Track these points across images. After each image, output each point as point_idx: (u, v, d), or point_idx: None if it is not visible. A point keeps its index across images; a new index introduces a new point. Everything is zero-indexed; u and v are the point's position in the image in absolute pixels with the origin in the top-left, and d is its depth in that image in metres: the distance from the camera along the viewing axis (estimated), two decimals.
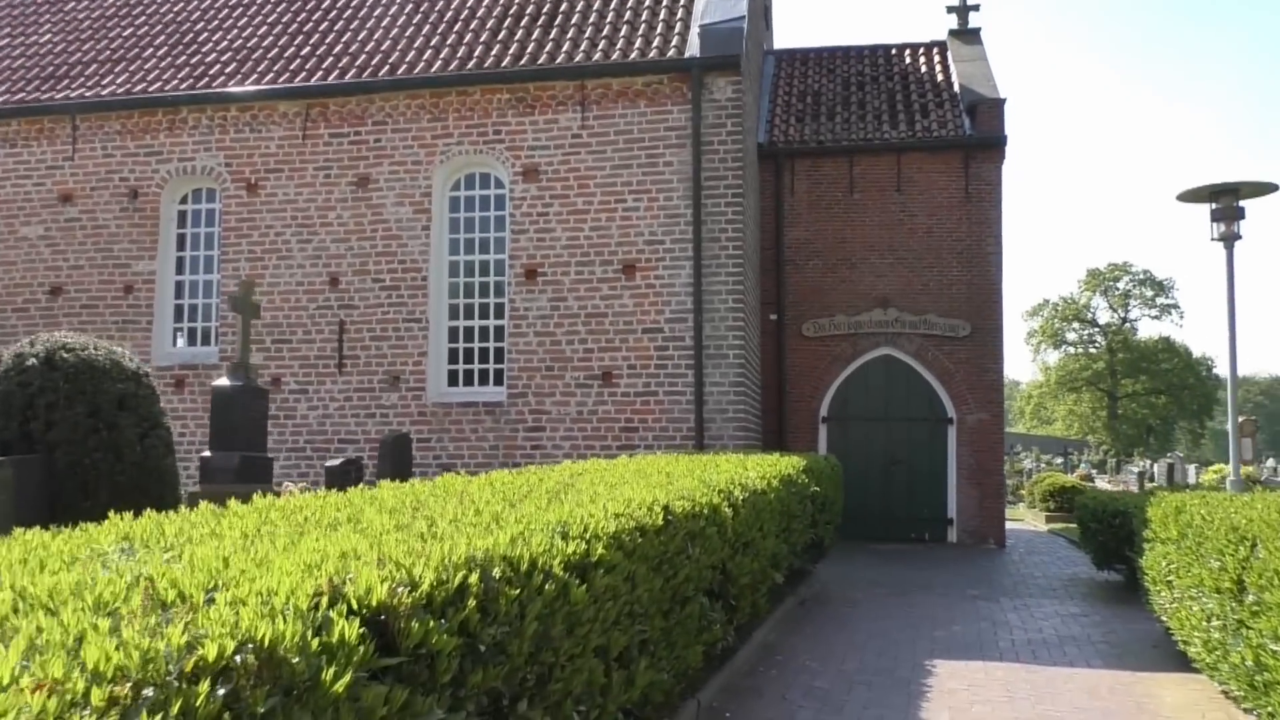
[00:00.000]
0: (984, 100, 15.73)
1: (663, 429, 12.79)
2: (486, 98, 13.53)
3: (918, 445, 15.61)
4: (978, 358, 15.44)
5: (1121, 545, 10.34)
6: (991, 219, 15.53)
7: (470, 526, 3.42)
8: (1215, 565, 5.63)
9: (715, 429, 12.67)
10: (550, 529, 3.53)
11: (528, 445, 13.07)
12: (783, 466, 8.06)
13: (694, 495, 5.38)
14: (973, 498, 15.35)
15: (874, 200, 15.88)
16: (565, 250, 13.18)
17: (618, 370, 12.93)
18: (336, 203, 13.79)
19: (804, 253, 16.03)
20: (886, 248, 15.80)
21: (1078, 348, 70.50)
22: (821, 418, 15.91)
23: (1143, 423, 67.38)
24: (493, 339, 13.63)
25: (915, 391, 15.66)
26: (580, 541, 3.54)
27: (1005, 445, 18.11)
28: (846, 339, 15.86)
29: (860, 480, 15.49)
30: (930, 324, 15.53)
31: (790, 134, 16.33)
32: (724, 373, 12.72)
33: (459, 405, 13.35)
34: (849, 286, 15.88)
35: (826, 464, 10.39)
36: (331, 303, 13.70)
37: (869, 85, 17.42)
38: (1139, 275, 69.90)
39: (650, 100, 13.12)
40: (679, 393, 12.77)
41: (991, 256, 15.51)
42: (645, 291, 12.95)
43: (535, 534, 3.39)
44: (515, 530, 3.33)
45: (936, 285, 15.62)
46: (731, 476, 6.59)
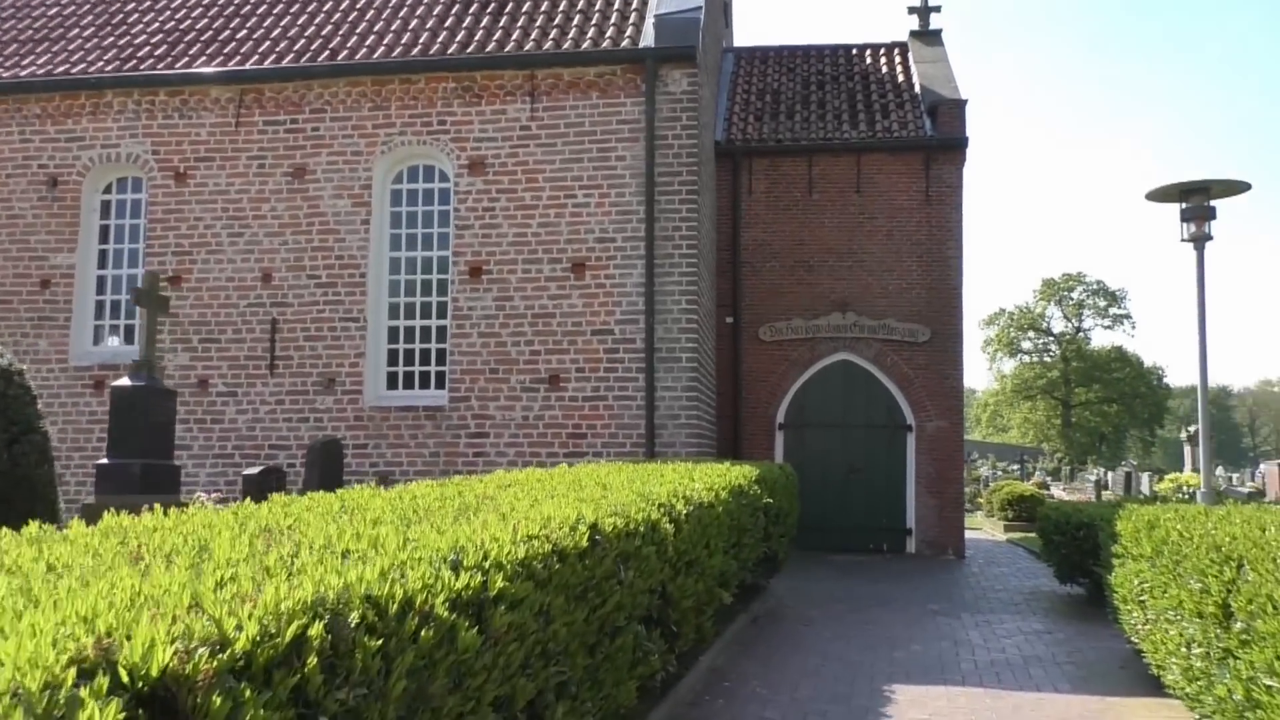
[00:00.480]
0: (945, 101, 15.36)
1: (612, 435, 12.21)
2: (431, 86, 12.89)
3: (876, 453, 15.17)
4: (937, 364, 15.05)
5: (1085, 559, 9.93)
6: (952, 222, 15.16)
7: (338, 556, 2.83)
8: (1196, 587, 5.16)
9: (667, 435, 12.12)
10: (439, 558, 2.94)
11: (470, 452, 12.43)
12: (733, 476, 7.52)
13: (629, 510, 4.80)
14: (932, 507, 14.94)
15: (833, 201, 15.44)
16: (512, 247, 12.57)
17: (565, 373, 12.34)
18: (271, 194, 13.06)
19: (761, 254, 15.54)
20: (845, 250, 15.36)
21: (1033, 356, 71.17)
22: (778, 425, 15.42)
23: (1095, 431, 68.19)
24: (434, 340, 12.97)
25: (874, 398, 15.23)
26: (476, 573, 2.95)
27: (964, 453, 17.77)
28: (804, 343, 15.39)
29: (818, 489, 15.02)
30: (890, 329, 15.11)
31: (749, 132, 15.85)
32: (676, 377, 12.17)
33: (398, 409, 12.67)
34: (807, 289, 15.41)
35: (781, 473, 9.87)
36: (264, 300, 12.97)
37: (829, 85, 17.00)
38: (1092, 285, 70.79)
39: (603, 92, 12.55)
40: (629, 397, 12.20)
41: (952, 260, 15.13)
42: (595, 291, 12.37)
43: (418, 565, 2.80)
44: (390, 561, 2.73)
45: (896, 289, 15.21)
46: (675, 488, 6.03)
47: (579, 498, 4.98)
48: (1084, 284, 70.82)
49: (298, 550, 2.92)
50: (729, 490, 7.02)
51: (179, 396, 12.96)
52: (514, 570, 3.20)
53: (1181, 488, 21.98)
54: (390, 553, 2.92)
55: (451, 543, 3.14)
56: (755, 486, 7.90)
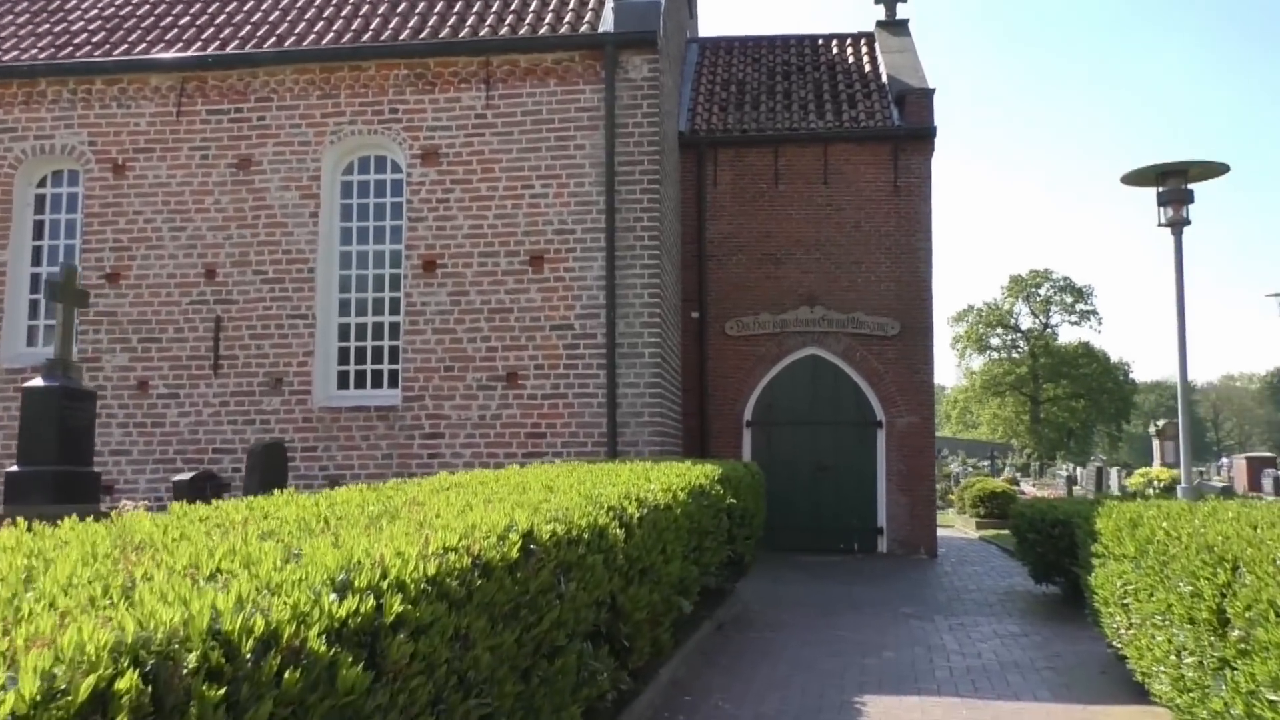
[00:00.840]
0: (912, 90, 15.03)
1: (572, 434, 11.75)
2: (382, 73, 12.36)
3: (846, 451, 14.81)
4: (907, 358, 14.71)
5: (1061, 557, 9.59)
6: (921, 213, 14.82)
7: (200, 579, 2.36)
8: (1187, 590, 4.78)
9: (630, 434, 11.67)
10: (324, 578, 2.48)
11: (424, 454, 11.92)
12: (694, 476, 7.09)
13: (572, 516, 4.36)
14: (903, 505, 14.60)
15: (800, 193, 15.07)
16: (467, 240, 12.08)
17: (524, 371, 11.86)
18: (214, 187, 12.48)
19: (727, 247, 15.14)
20: (813, 243, 14.99)
21: (1001, 353, 71.43)
22: (745, 422, 15.02)
23: (1063, 426, 68.58)
24: (387, 337, 12.44)
25: (843, 394, 14.87)
26: (368, 596, 2.49)
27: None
28: (771, 338, 15.00)
29: (786, 488, 14.64)
30: (858, 323, 14.76)
31: (713, 122, 15.44)
32: (639, 373, 11.73)
33: (349, 410, 12.14)
34: (774, 283, 15.03)
35: (746, 472, 9.45)
36: (207, 297, 12.38)
37: (795, 75, 16.64)
38: (1059, 282, 71.19)
39: (561, 79, 12.09)
40: (590, 395, 11.74)
41: (921, 252, 14.80)
42: (554, 285, 11.90)
43: (294, 588, 2.34)
44: (254, 585, 2.27)
45: (865, 282, 14.86)
46: (629, 489, 5.59)
47: (519, 502, 4.53)
48: (1051, 280, 71.22)
49: (154, 573, 2.45)
50: (688, 491, 6.58)
51: (119, 399, 12.43)
52: (420, 590, 2.74)
53: (1152, 482, 21.84)
54: (264, 574, 2.45)
55: (344, 560, 2.68)
56: (718, 487, 7.48)
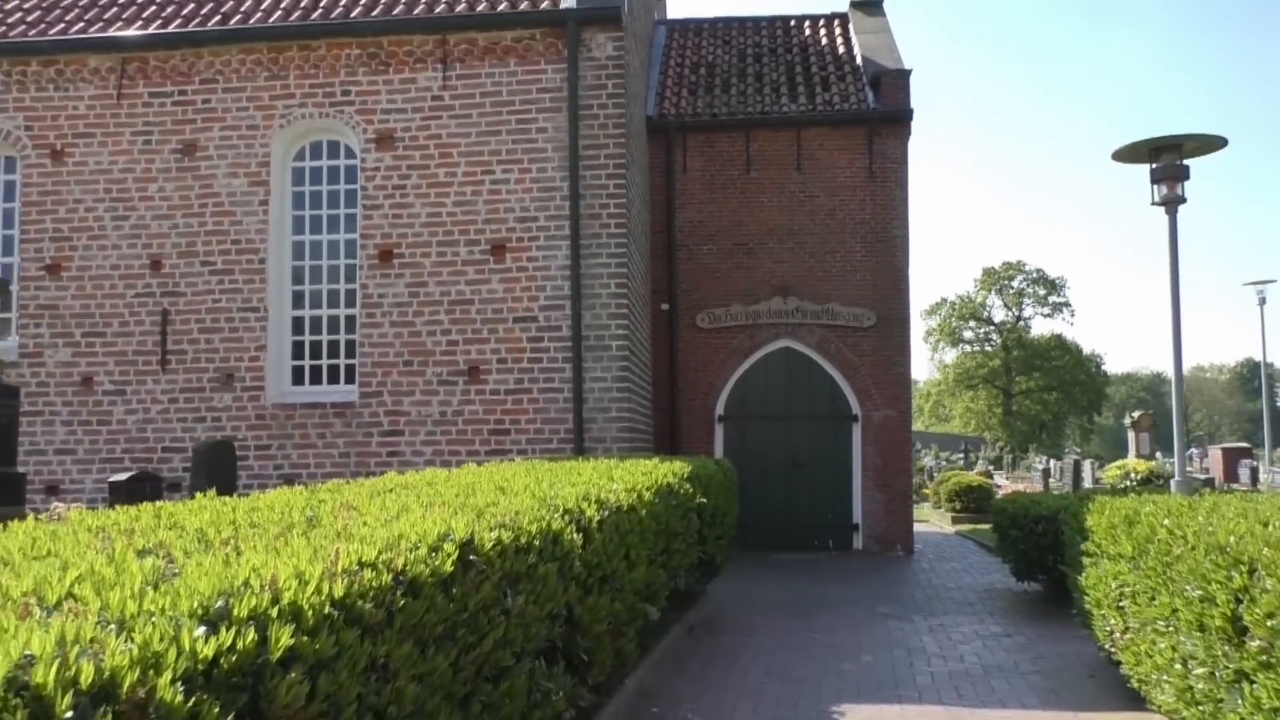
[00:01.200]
0: (888, 72, 14.65)
1: (537, 431, 11.27)
2: (334, 53, 11.80)
3: (821, 445, 14.43)
4: (883, 350, 14.34)
5: (1045, 554, 9.25)
6: (897, 200, 14.46)
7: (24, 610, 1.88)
8: (1196, 595, 4.40)
9: (597, 430, 11.21)
10: (192, 608, 2.00)
11: (383, 451, 11.40)
12: (661, 474, 6.64)
13: (522, 521, 3.90)
14: (879, 501, 14.24)
15: (772, 179, 14.65)
16: (425, 228, 11.56)
17: (486, 365, 11.36)
18: (158, 173, 11.88)
19: (697, 236, 14.70)
20: (786, 231, 14.58)
21: (974, 346, 71.52)
22: (718, 416, 14.60)
23: (1036, 419, 68.77)
24: (343, 330, 11.90)
25: (818, 387, 14.48)
26: (248, 628, 2.02)
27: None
28: (744, 330, 14.59)
29: (760, 484, 14.24)
30: (833, 314, 14.37)
31: (682, 106, 14.99)
32: (606, 367, 11.27)
33: (304, 406, 11.59)
34: (746, 273, 14.61)
35: (718, 469, 9.02)
36: (153, 289, 11.79)
37: (766, 57, 16.22)
38: (1032, 274, 71.30)
39: (521, 58, 11.58)
40: (555, 390, 11.27)
41: (897, 240, 14.43)
42: (517, 275, 11.41)
43: (146, 623, 1.87)
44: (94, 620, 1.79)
45: (839, 272, 14.47)
46: (589, 489, 5.13)
47: (464, 506, 4.07)
48: (1024, 273, 71.30)
49: None
50: (655, 491, 6.13)
51: (62, 396, 11.82)
52: (321, 617, 2.27)
53: (1129, 474, 21.63)
54: (116, 602, 1.98)
55: (228, 582, 2.20)
56: (686, 485, 7.04)
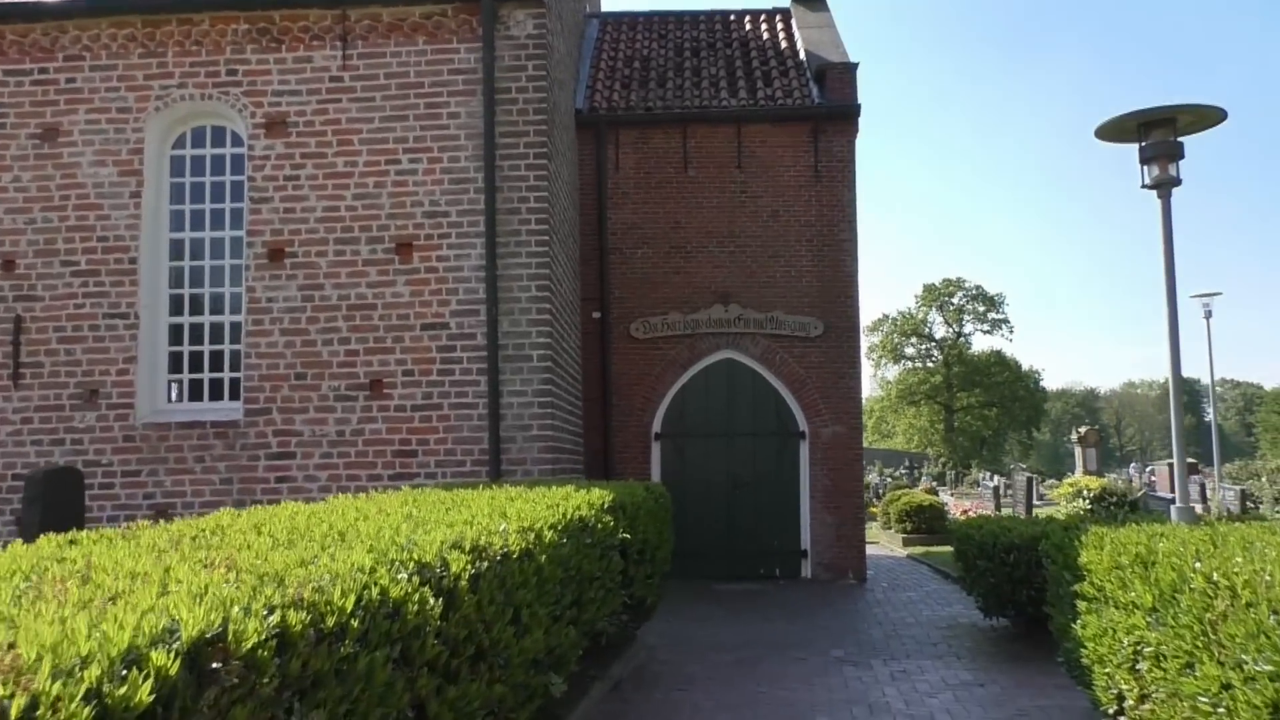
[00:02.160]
0: (833, 65, 13.67)
1: (448, 452, 9.97)
2: (218, 28, 10.45)
3: (765, 464, 13.30)
4: (832, 361, 13.28)
5: (1017, 589, 8.19)
6: (844, 201, 13.45)
7: None
8: (1265, 670, 3.29)
9: (516, 451, 9.95)
10: None
11: (271, 478, 10.00)
12: (574, 505, 5.42)
13: (334, 591, 2.65)
14: (829, 525, 13.14)
15: (712, 178, 13.56)
16: (321, 224, 10.23)
17: (390, 378, 10.05)
18: (13, 161, 10.39)
19: (631, 239, 13.54)
20: (727, 234, 13.48)
21: (916, 362, 71.65)
22: (654, 434, 13.41)
23: (977, 435, 68.99)
24: (227, 339, 10.50)
25: (762, 401, 13.37)
26: None
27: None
28: (682, 341, 13.43)
29: (701, 508, 13.08)
30: (777, 322, 13.28)
31: (614, 100, 13.84)
32: (526, 380, 10.02)
33: (180, 426, 10.15)
34: (684, 279, 13.47)
35: (648, 496, 7.81)
36: (5, 293, 10.28)
37: (705, 52, 15.17)
38: (971, 290, 71.79)
39: (431, 36, 10.35)
40: (469, 406, 9.99)
41: (845, 244, 13.41)
42: (425, 277, 10.13)
43: None
44: None
45: (784, 278, 13.40)
46: (465, 532, 3.89)
47: (260, 567, 2.81)
48: (964, 289, 71.83)
49: None
50: (563, 528, 4.90)
51: None
52: None
53: (1082, 492, 20.88)
54: None
55: None
56: (606, 518, 5.81)
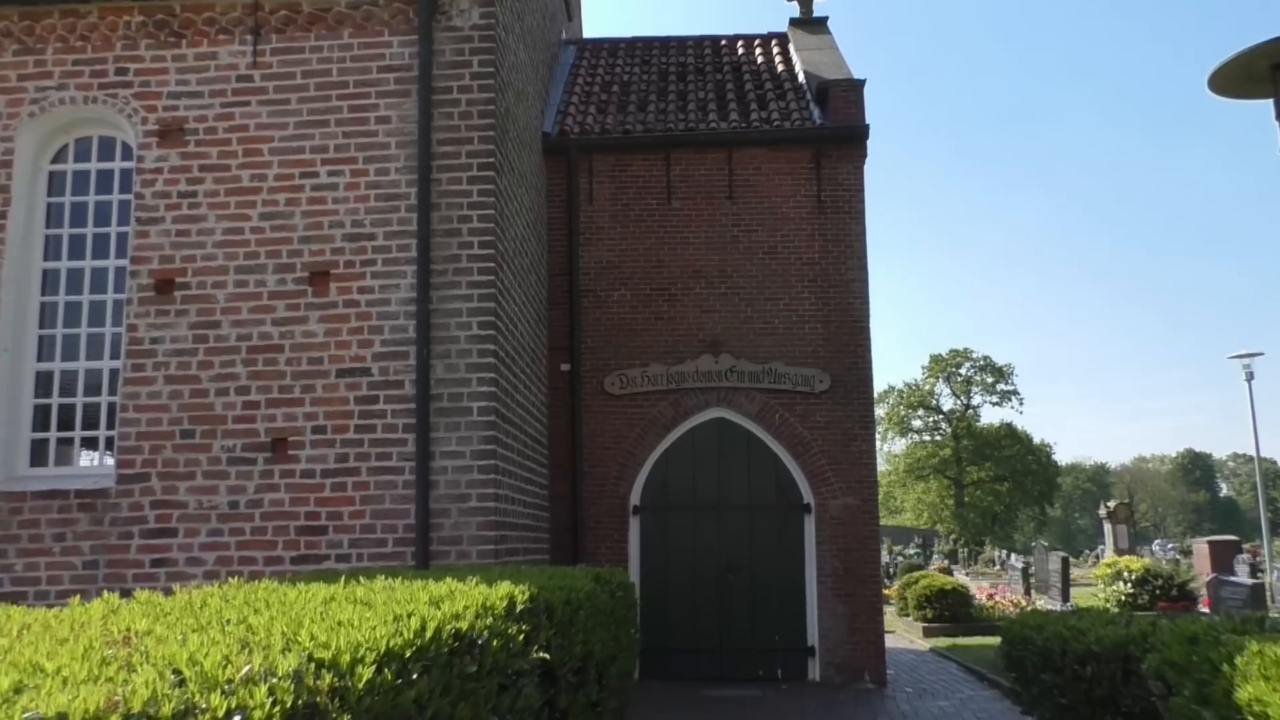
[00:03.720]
0: (837, 83, 12.02)
1: (366, 528, 8.01)
2: (108, 21, 8.80)
3: (765, 544, 11.29)
4: (840, 421, 11.35)
5: (1099, 713, 6.12)
6: (852, 235, 11.67)
7: None
8: None
9: (449, 527, 7.98)
10: None
11: (146, 560, 8.03)
12: (449, 611, 3.46)
13: None
14: (841, 616, 11.06)
15: (699, 211, 11.81)
16: (220, 249, 8.44)
17: (298, 435, 8.14)
18: None
19: (607, 280, 11.74)
20: (717, 274, 11.69)
21: (923, 435, 69.83)
22: (633, 507, 11.42)
23: (988, 511, 66.90)
24: (105, 390, 8.63)
25: (759, 468, 11.41)
26: None
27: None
28: (666, 397, 11.53)
29: (687, 595, 11.05)
30: (777, 375, 11.40)
31: (588, 123, 12.17)
32: (464, 438, 8.11)
33: (37, 496, 8.20)
34: (668, 325, 11.63)
35: (597, 589, 5.81)
36: None
37: (693, 76, 13.58)
38: (979, 361, 70.27)
39: (359, 28, 8.69)
40: (393, 470, 8.06)
41: (854, 284, 11.59)
42: (344, 312, 8.30)
43: None
44: None
45: (784, 324, 11.55)
46: (264, 658, 1.95)
47: None
48: (971, 360, 70.33)
49: None
50: (414, 652, 2.94)
51: None
52: None
53: (1122, 573, 18.71)
54: None
55: None
56: (512, 628, 3.85)
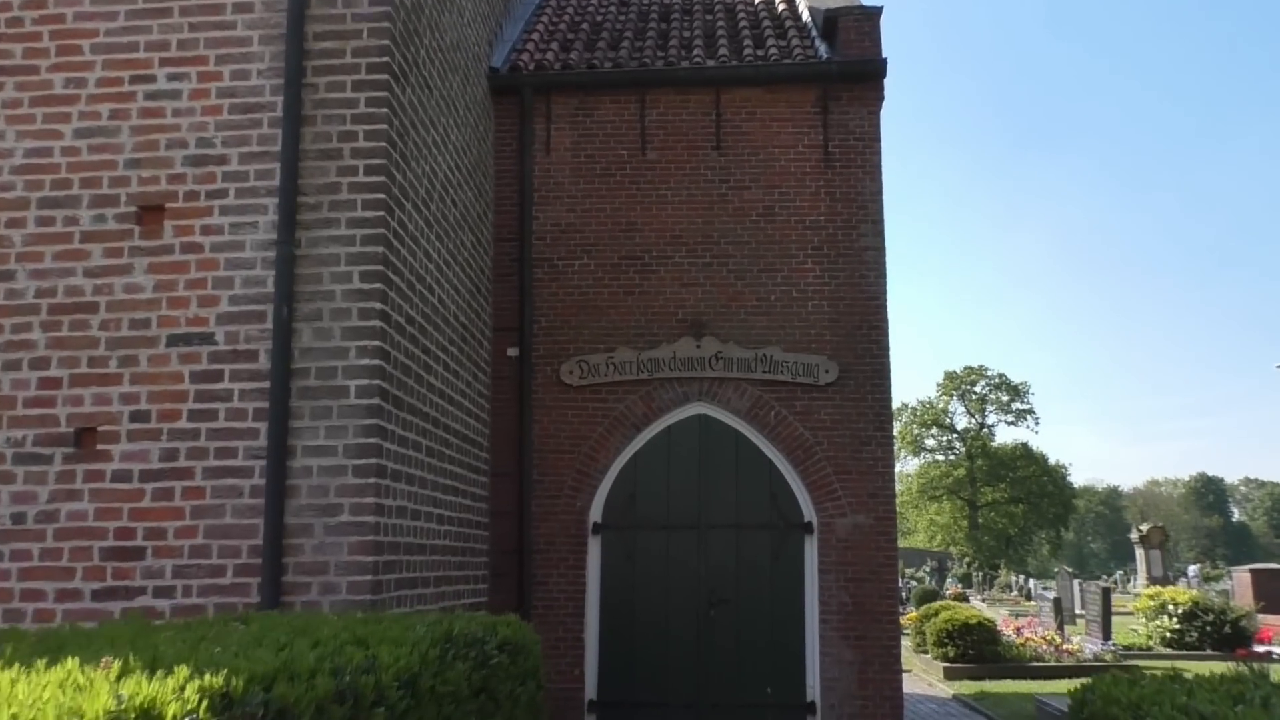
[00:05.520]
0: (849, 11, 9.88)
1: (198, 551, 5.83)
2: None
3: (755, 572, 9.06)
4: (851, 420, 9.14)
5: None
6: (866, 193, 9.50)
7: None
8: None
9: (312, 550, 5.80)
10: None
11: None
12: None
13: None
14: (849, 665, 8.81)
15: (680, 163, 9.67)
16: (20, 177, 6.33)
17: (111, 425, 5.99)
18: None
19: (566, 246, 9.58)
20: (700, 239, 9.52)
21: (936, 454, 67.77)
22: (593, 525, 9.21)
23: (1003, 533, 64.81)
24: None
25: (749, 478, 9.20)
26: None
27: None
28: (636, 390, 9.35)
29: (658, 636, 8.85)
30: (772, 364, 9.21)
31: (547, 60, 10.05)
32: (337, 428, 5.94)
33: None
34: (640, 302, 9.46)
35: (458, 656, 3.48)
36: None
37: (677, 16, 11.46)
38: (994, 379, 68.24)
39: None
40: (238, 473, 5.90)
41: (869, 253, 9.41)
42: (183, 260, 6.17)
43: None
44: None
45: (781, 301, 9.37)
46: None
47: None
48: (986, 378, 68.29)
49: None
50: None
51: None
52: None
53: (1166, 606, 16.40)
54: None
55: None
56: None
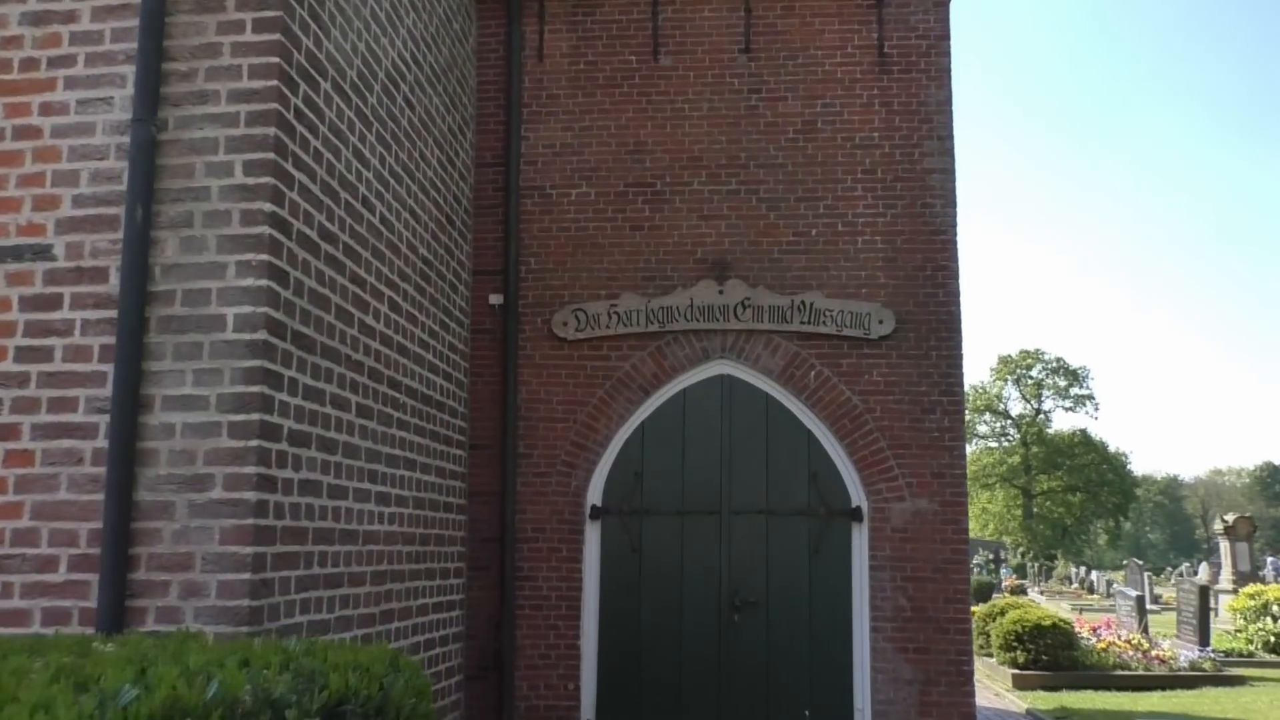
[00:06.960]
0: None
1: (22, 537, 4.31)
2: None
3: (788, 568, 7.38)
4: (912, 382, 7.40)
5: None
6: (931, 104, 7.73)
7: None
8: None
9: (171, 538, 4.24)
10: None
11: None
12: None
13: None
14: (908, 684, 7.10)
15: (700, 70, 7.97)
16: None
17: None
18: None
19: (561, 172, 7.94)
20: (725, 162, 7.82)
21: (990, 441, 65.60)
22: (592, 508, 7.59)
23: (1059, 523, 62.66)
24: None
25: (784, 453, 7.51)
26: None
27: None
28: (645, 345, 7.69)
29: (672, 643, 7.23)
30: (814, 312, 7.49)
31: None
32: (209, 371, 4.37)
33: None
34: (650, 238, 7.79)
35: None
36: None
37: None
38: (1051, 363, 65.89)
39: None
40: (79, 430, 4.36)
41: (934, 177, 7.64)
42: (14, 149, 4.66)
43: None
44: None
45: (825, 236, 7.64)
46: None
47: None
48: (1043, 362, 65.97)
49: None
50: None
51: None
52: None
53: (1269, 606, 14.44)
54: None
55: None
56: None
